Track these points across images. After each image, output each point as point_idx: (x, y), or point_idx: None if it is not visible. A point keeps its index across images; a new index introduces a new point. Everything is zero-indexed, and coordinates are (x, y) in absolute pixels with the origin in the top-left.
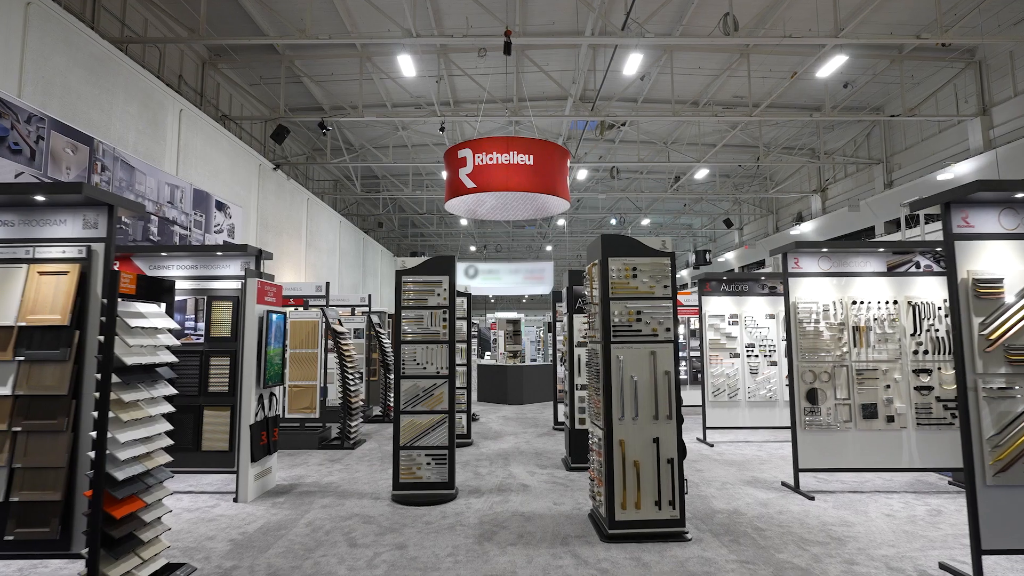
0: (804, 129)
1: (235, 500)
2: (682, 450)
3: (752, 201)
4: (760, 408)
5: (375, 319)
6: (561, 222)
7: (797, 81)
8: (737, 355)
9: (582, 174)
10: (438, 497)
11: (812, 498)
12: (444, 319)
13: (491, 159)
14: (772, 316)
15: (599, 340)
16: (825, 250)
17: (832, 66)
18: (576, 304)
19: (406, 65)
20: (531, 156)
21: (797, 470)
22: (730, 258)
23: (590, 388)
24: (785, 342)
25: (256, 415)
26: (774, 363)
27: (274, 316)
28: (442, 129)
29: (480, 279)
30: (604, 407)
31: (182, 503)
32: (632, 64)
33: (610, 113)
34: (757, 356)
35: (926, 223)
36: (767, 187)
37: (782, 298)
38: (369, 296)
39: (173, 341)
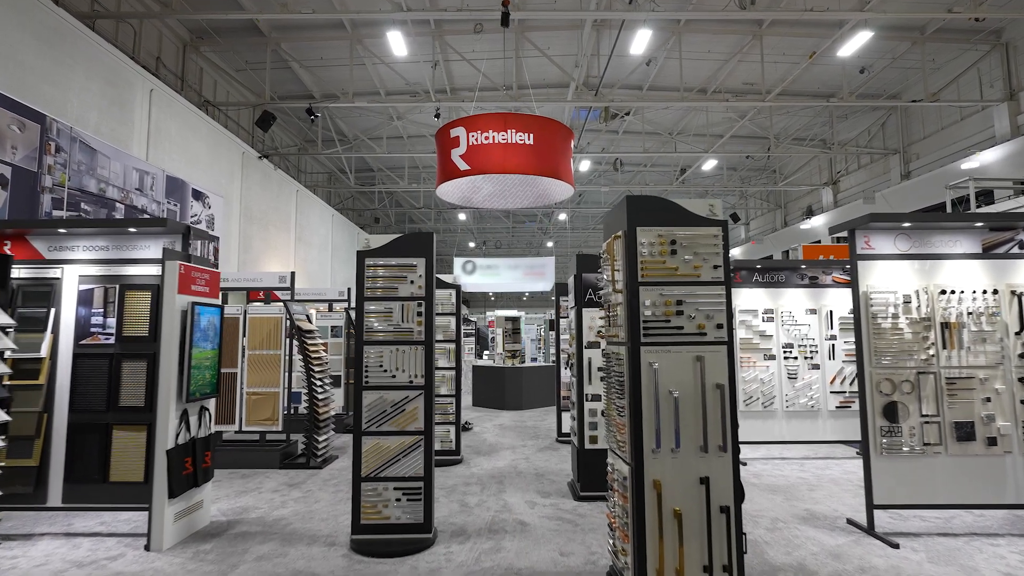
0: (816, 119)
1: (147, 548)
2: (739, 494)
3: (759, 195)
4: (800, 419)
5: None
6: (562, 216)
7: (811, 67)
8: (772, 357)
9: (584, 166)
10: (410, 545)
11: (896, 545)
12: (419, 313)
13: (487, 138)
14: (813, 311)
15: (623, 340)
16: (907, 225)
17: (855, 44)
18: (586, 295)
19: (397, 44)
20: (531, 135)
21: (872, 506)
22: (736, 254)
23: (609, 405)
24: (833, 342)
25: (177, 436)
26: (816, 366)
27: (205, 310)
28: (437, 116)
29: (478, 275)
30: (631, 433)
31: (78, 551)
32: (640, 42)
33: (615, 100)
34: (796, 358)
35: (977, 205)
36: (776, 180)
37: (825, 290)
38: (348, 290)
39: (5, 344)
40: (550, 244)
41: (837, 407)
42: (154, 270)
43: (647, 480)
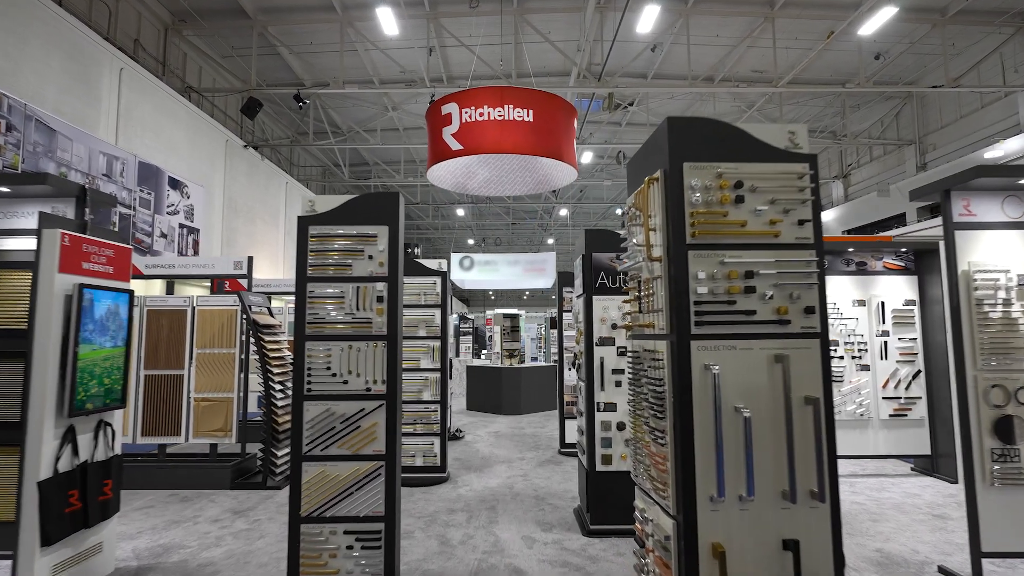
0: (827, 109)
1: None
2: (839, 562)
3: None
4: (846, 429)
5: None
6: (563, 212)
7: (824, 53)
8: None
9: (586, 158)
10: None
11: None
12: (380, 298)
13: (481, 114)
14: (862, 303)
15: (662, 332)
16: None
17: (877, 21)
18: (597, 280)
19: (388, 22)
20: (530, 111)
21: (979, 554)
22: None
23: (638, 426)
24: (885, 339)
25: (58, 462)
26: (865, 367)
27: (102, 295)
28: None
29: (476, 271)
30: (677, 472)
31: None
32: (647, 20)
33: (618, 86)
34: (842, 357)
35: None
36: None
37: (875, 278)
38: None
39: None
40: (551, 241)
41: (891, 415)
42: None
43: (702, 543)
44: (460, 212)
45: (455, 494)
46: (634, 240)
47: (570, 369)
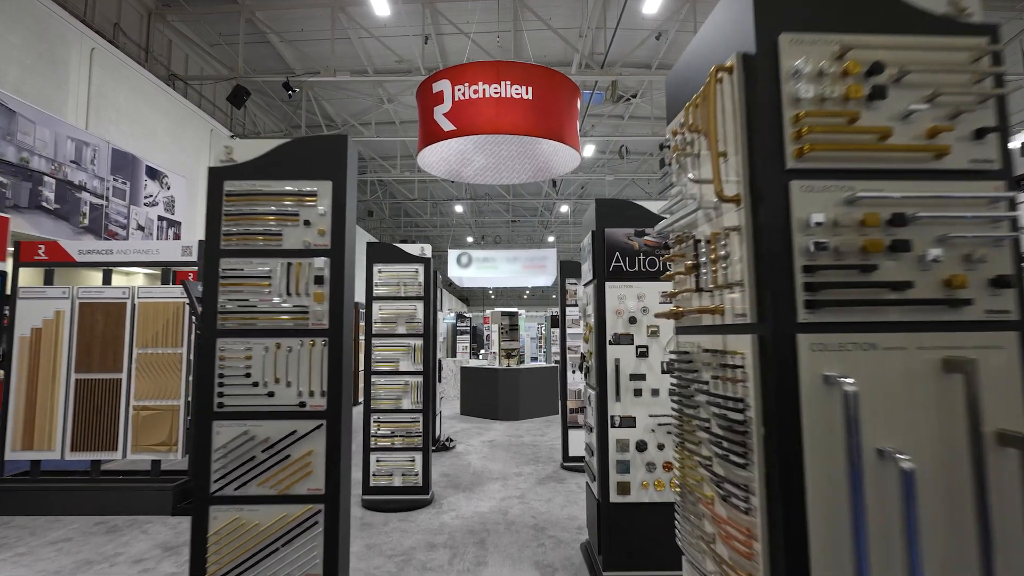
0: None
1: None
2: None
3: None
4: None
5: None
6: (564, 209)
7: None
8: None
9: (588, 152)
10: None
11: None
12: (319, 279)
13: (475, 92)
14: None
15: (740, 322)
16: None
17: None
18: (611, 262)
19: (379, 1)
20: (529, 88)
21: None
22: None
23: (688, 470)
24: None
25: None
26: None
27: None
28: None
29: (475, 268)
30: (776, 561)
31: None
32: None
33: (621, 80)
34: None
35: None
36: None
37: None
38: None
39: None
40: (551, 239)
41: None
42: None
43: None
44: (459, 209)
45: (438, 522)
46: (689, 176)
47: (574, 372)
